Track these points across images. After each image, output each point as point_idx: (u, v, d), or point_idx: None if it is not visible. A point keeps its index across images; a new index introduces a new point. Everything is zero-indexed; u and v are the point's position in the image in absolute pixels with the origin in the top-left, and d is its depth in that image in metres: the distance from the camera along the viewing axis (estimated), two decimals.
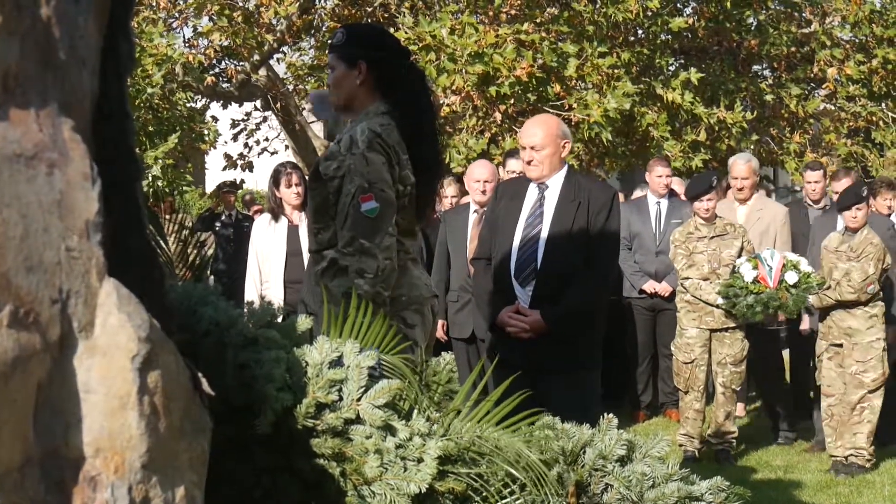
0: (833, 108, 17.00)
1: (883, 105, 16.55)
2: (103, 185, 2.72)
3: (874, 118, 16.38)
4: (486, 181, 9.29)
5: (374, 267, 5.00)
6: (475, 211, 9.37)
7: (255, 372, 3.39)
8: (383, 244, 5.03)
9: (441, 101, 13.50)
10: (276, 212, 9.24)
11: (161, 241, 11.13)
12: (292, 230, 9.16)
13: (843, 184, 10.63)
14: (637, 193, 13.20)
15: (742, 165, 10.49)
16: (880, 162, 16.33)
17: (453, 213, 9.82)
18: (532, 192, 6.66)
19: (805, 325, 10.83)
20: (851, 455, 9.42)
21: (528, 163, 6.66)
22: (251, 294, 9.04)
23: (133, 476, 2.68)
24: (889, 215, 12.06)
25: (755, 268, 9.45)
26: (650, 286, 11.34)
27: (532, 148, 6.63)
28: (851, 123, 16.55)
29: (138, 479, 2.68)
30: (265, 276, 9.16)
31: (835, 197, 10.82)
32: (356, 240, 5.03)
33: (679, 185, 12.27)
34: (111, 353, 2.66)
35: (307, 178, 5.09)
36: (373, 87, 5.28)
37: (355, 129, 5.15)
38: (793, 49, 16.62)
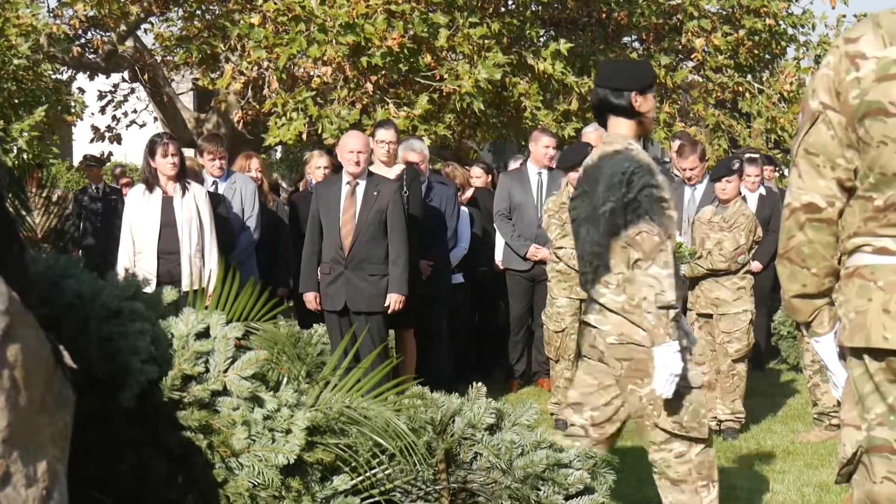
0: (701, 79, 17.21)
1: (749, 76, 16.81)
2: None
3: (741, 89, 16.63)
4: (359, 152, 9.19)
5: None
6: (348, 182, 9.26)
7: (120, 344, 3.35)
8: None
9: (312, 73, 13.41)
10: (151, 182, 9.14)
11: (26, 215, 10.94)
12: (167, 201, 9.08)
13: (689, 161, 10.71)
14: (512, 164, 13.18)
15: (593, 134, 10.51)
16: (747, 132, 16.60)
17: (325, 185, 9.69)
18: None
19: None
20: (729, 420, 9.59)
21: None
22: (124, 265, 8.94)
23: None
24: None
25: None
26: (532, 251, 11.27)
27: None
28: (719, 94, 16.79)
29: None
30: (138, 248, 9.07)
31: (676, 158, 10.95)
32: None
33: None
34: None
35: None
36: None
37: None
38: (661, 20, 16.77)
